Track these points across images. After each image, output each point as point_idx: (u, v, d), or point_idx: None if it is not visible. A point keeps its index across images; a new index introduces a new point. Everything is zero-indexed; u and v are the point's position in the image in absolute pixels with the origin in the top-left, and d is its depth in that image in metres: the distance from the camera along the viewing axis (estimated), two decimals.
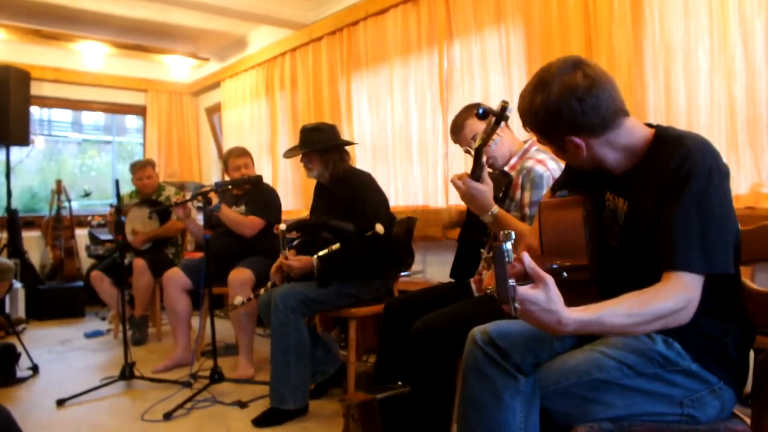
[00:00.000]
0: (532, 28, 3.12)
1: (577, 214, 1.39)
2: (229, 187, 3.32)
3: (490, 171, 2.06)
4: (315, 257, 2.66)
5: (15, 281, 4.62)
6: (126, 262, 3.91)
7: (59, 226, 5.58)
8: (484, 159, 1.72)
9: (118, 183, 3.16)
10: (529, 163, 2.08)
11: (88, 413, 2.77)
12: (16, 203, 5.25)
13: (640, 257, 1.26)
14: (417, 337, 1.98)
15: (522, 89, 1.34)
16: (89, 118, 6.81)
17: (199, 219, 3.79)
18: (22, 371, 3.36)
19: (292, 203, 5.07)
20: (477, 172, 1.70)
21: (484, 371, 1.28)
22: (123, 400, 2.95)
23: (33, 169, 6.43)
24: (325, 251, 2.64)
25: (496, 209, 1.73)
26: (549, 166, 2.05)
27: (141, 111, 6.59)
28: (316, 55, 4.71)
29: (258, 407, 2.73)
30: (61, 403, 2.87)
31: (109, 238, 5.34)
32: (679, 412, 1.24)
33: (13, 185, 5.22)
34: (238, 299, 3.01)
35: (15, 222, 5.17)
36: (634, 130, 1.30)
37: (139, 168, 4.35)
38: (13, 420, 1.59)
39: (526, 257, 1.05)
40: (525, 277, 1.05)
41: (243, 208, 3.56)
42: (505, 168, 2.16)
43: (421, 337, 1.96)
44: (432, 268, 3.83)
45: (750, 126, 2.36)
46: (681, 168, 1.19)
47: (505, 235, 0.98)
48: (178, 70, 6.52)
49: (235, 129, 5.91)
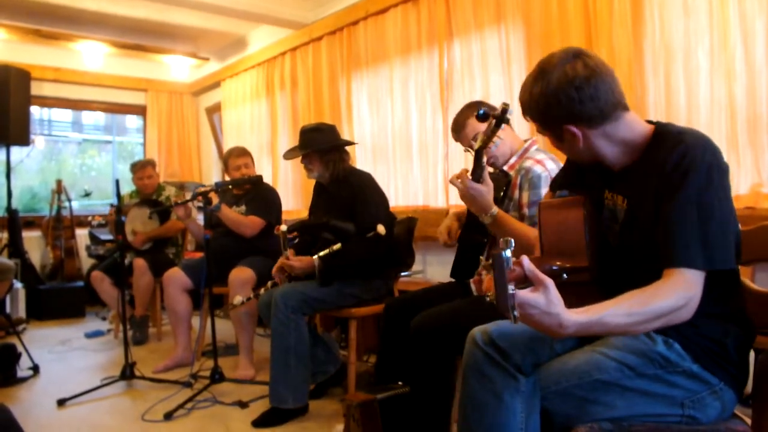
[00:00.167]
0: (532, 28, 3.11)
1: (577, 215, 1.39)
2: (230, 187, 3.32)
3: (491, 171, 2.06)
4: (316, 257, 2.66)
5: (15, 281, 4.62)
6: (126, 262, 3.92)
7: (59, 226, 5.58)
8: (485, 159, 1.72)
9: (118, 183, 3.16)
10: (528, 163, 2.08)
11: (88, 413, 2.78)
12: (16, 203, 5.25)
13: (640, 255, 1.26)
14: (416, 333, 1.98)
15: (524, 79, 1.34)
16: (89, 117, 6.82)
17: (200, 219, 3.79)
18: (23, 371, 3.36)
19: (293, 203, 5.07)
20: (477, 173, 1.70)
21: (484, 371, 1.27)
22: (123, 400, 2.96)
23: (33, 169, 6.43)
24: (326, 251, 2.64)
25: (495, 210, 1.73)
26: (547, 166, 2.05)
27: (141, 111, 6.59)
28: (316, 54, 4.71)
29: (258, 407, 2.73)
30: (61, 403, 2.87)
31: (110, 238, 5.34)
32: (679, 413, 1.24)
33: (13, 185, 5.22)
34: (237, 299, 3.01)
35: (15, 222, 5.17)
36: (633, 125, 1.30)
37: (140, 168, 4.35)
38: (14, 419, 1.59)
39: (526, 260, 1.04)
40: (525, 280, 1.04)
41: (243, 208, 3.56)
42: (505, 167, 2.16)
43: (420, 333, 1.97)
44: (432, 268, 3.83)
45: (750, 126, 2.36)
46: (680, 164, 1.19)
47: (505, 242, 0.98)
48: (178, 70, 6.52)
49: (235, 129, 5.90)
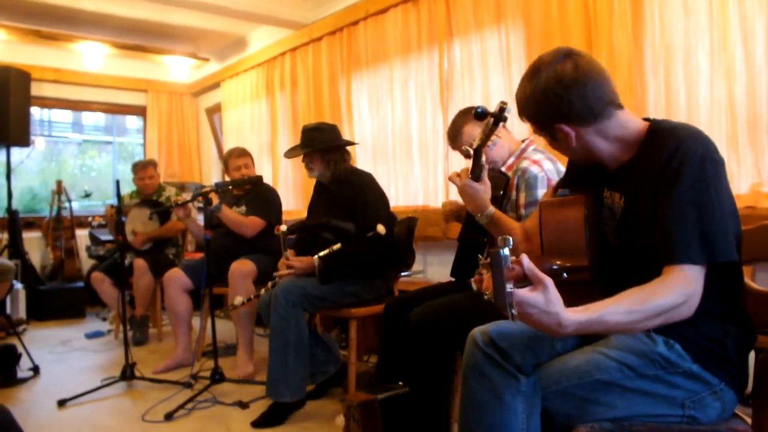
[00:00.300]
0: (532, 28, 3.11)
1: (578, 214, 1.39)
2: (230, 187, 3.32)
3: (489, 172, 2.06)
4: (316, 257, 2.66)
5: (16, 282, 4.62)
6: (126, 262, 3.91)
7: (60, 227, 5.58)
8: (483, 159, 1.72)
9: (118, 183, 3.16)
10: (525, 163, 2.08)
11: (88, 414, 2.78)
12: (16, 204, 5.25)
13: (638, 252, 1.26)
14: (416, 326, 1.99)
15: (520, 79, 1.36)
16: (89, 118, 6.82)
17: (200, 219, 3.79)
18: (23, 372, 3.36)
19: (293, 203, 5.07)
20: (476, 172, 1.70)
21: (484, 372, 1.27)
22: (124, 401, 2.96)
23: (33, 170, 6.43)
24: (326, 251, 2.64)
25: (491, 210, 1.73)
26: (544, 166, 2.05)
27: (141, 111, 6.59)
28: (316, 55, 4.71)
29: (258, 407, 2.73)
30: (61, 403, 2.87)
31: (110, 238, 5.34)
32: (680, 414, 1.24)
33: (13, 186, 5.21)
34: (238, 299, 3.01)
35: (15, 223, 5.17)
36: (627, 123, 1.31)
37: (141, 168, 4.36)
38: (14, 420, 1.59)
39: (525, 259, 1.04)
40: (524, 279, 1.04)
41: (243, 208, 3.56)
42: (503, 168, 2.16)
43: (419, 326, 1.97)
44: (432, 268, 3.83)
45: (750, 125, 2.36)
46: (673, 159, 1.19)
47: (503, 240, 0.97)
48: (178, 71, 6.52)
49: (235, 129, 5.91)
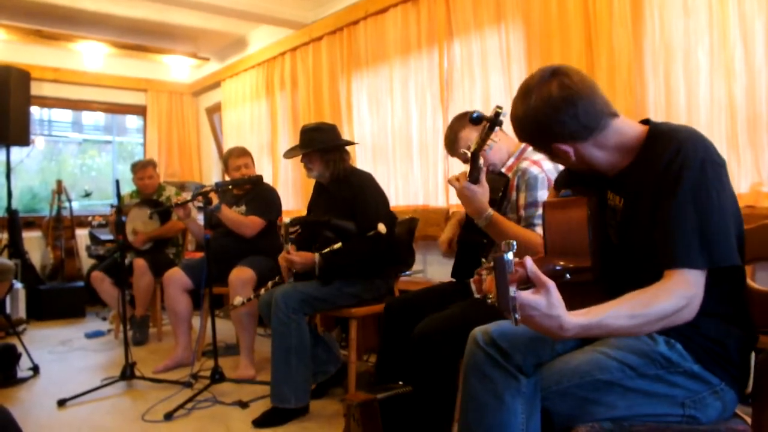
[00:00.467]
0: (532, 27, 3.11)
1: (581, 214, 1.39)
2: (230, 187, 3.32)
3: (488, 173, 2.06)
4: (317, 254, 2.66)
5: (15, 281, 4.62)
6: (126, 262, 3.91)
7: (60, 227, 5.58)
8: (481, 161, 1.72)
9: (118, 183, 3.16)
10: (525, 164, 2.08)
11: (88, 413, 2.78)
12: (16, 203, 5.25)
13: (639, 255, 1.26)
14: (419, 339, 1.97)
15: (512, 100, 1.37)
16: (89, 118, 6.82)
17: (200, 219, 3.79)
18: (23, 371, 3.36)
19: (293, 203, 5.07)
20: (474, 175, 1.70)
21: (485, 372, 1.27)
22: (124, 401, 2.96)
23: (33, 170, 6.43)
24: (327, 249, 2.64)
25: (490, 213, 1.74)
26: (544, 166, 2.05)
27: (141, 111, 6.59)
28: (316, 54, 4.71)
29: (259, 407, 2.73)
30: (61, 403, 2.87)
31: (110, 238, 5.34)
32: (680, 413, 1.24)
33: (13, 185, 5.22)
34: (237, 299, 3.01)
35: (15, 222, 5.17)
36: (623, 130, 1.31)
37: (141, 168, 4.35)
38: (14, 420, 1.59)
39: (529, 261, 1.04)
40: (527, 281, 1.04)
41: (243, 208, 3.56)
42: (502, 169, 2.16)
43: (423, 339, 1.96)
44: (432, 268, 3.83)
45: (750, 125, 2.36)
46: (673, 162, 1.19)
47: (507, 244, 0.98)
48: (178, 70, 6.52)
49: (235, 129, 5.90)
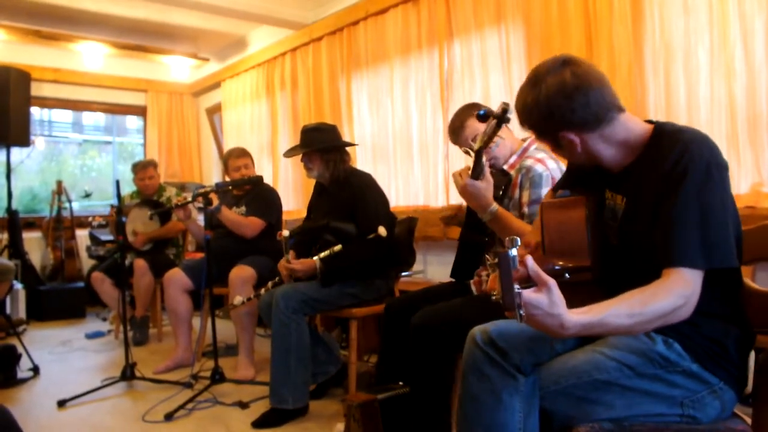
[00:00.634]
0: (532, 27, 3.11)
1: (579, 215, 1.39)
2: (230, 187, 3.32)
3: (490, 170, 2.06)
4: (317, 258, 2.66)
5: (16, 282, 4.62)
6: (127, 262, 3.91)
7: (60, 227, 5.58)
8: (485, 159, 1.72)
9: (118, 184, 3.16)
10: (529, 162, 2.08)
11: (89, 414, 2.78)
12: (16, 204, 5.25)
13: (639, 254, 1.26)
14: (416, 330, 1.98)
15: (519, 88, 1.36)
16: (89, 118, 6.82)
17: (200, 219, 3.79)
18: (23, 372, 3.36)
19: (293, 203, 5.07)
20: (477, 172, 1.70)
21: (483, 371, 1.27)
22: (124, 401, 2.95)
23: (33, 170, 6.42)
24: (326, 252, 2.64)
25: (495, 207, 1.73)
26: (548, 165, 2.05)
27: (141, 111, 6.59)
28: (317, 55, 4.71)
29: (259, 408, 2.73)
30: (62, 404, 2.87)
31: (110, 238, 5.34)
32: (679, 413, 1.24)
33: (13, 186, 5.22)
34: (237, 299, 3.01)
35: (15, 223, 5.17)
36: (630, 126, 1.31)
37: (141, 168, 4.36)
38: (14, 420, 1.59)
39: (530, 260, 1.04)
40: (528, 280, 1.04)
41: (243, 208, 3.56)
42: (505, 167, 2.15)
43: (420, 330, 1.97)
44: (433, 268, 3.83)
45: (750, 124, 2.36)
46: (679, 163, 1.19)
47: (511, 241, 0.98)
48: (178, 71, 6.52)
49: (235, 129, 5.90)
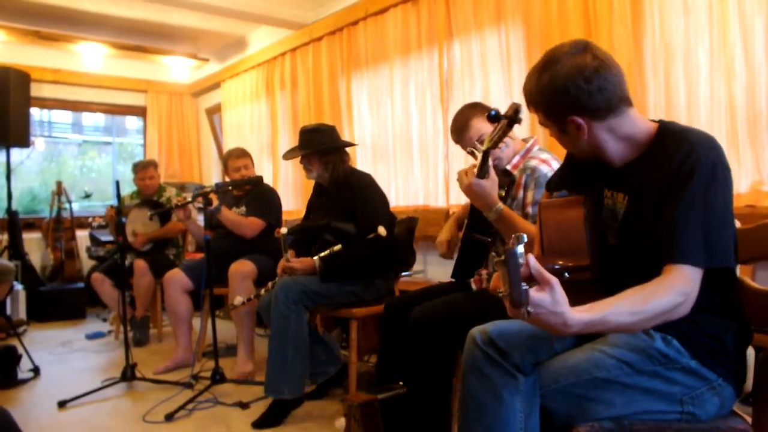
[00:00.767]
0: (532, 27, 3.11)
1: (578, 214, 1.39)
2: (230, 188, 3.32)
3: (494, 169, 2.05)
4: (317, 258, 2.66)
5: (16, 283, 4.62)
6: (127, 263, 3.91)
7: (60, 228, 5.58)
8: (490, 159, 1.71)
9: (118, 184, 3.16)
10: (533, 162, 2.07)
11: (89, 415, 2.78)
12: (16, 205, 5.25)
13: (639, 253, 1.26)
14: (415, 325, 1.98)
15: (530, 69, 1.33)
16: (89, 119, 6.82)
17: (200, 220, 3.79)
18: (23, 373, 3.36)
19: (293, 203, 5.07)
20: (483, 172, 1.70)
21: (483, 371, 1.27)
22: (124, 402, 2.95)
23: (33, 171, 6.43)
24: (326, 252, 2.64)
25: (500, 206, 1.73)
26: (553, 166, 2.03)
27: (141, 112, 6.59)
28: (316, 55, 4.71)
29: (259, 408, 2.73)
30: (62, 404, 2.87)
31: (110, 239, 5.34)
32: (678, 410, 1.24)
33: (13, 187, 5.22)
34: (238, 299, 3.01)
35: (15, 224, 5.17)
36: (636, 121, 1.30)
37: (142, 168, 4.36)
38: (14, 422, 1.59)
39: (532, 259, 1.04)
40: (530, 279, 1.04)
41: (243, 209, 3.56)
42: (508, 167, 2.13)
43: (419, 324, 1.97)
44: (433, 268, 3.83)
45: (750, 124, 2.36)
46: (685, 163, 1.19)
47: (517, 238, 0.98)
48: (178, 71, 6.52)
49: (235, 129, 5.91)
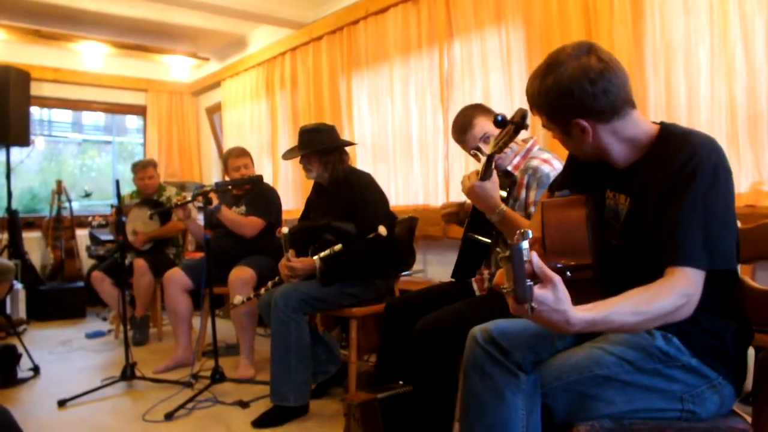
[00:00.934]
0: (532, 27, 3.11)
1: (580, 214, 1.39)
2: (229, 187, 3.32)
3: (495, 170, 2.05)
4: (317, 258, 2.66)
5: (16, 282, 4.62)
6: (127, 262, 3.91)
7: (60, 227, 5.57)
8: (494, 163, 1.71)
9: (118, 183, 3.16)
10: (535, 162, 2.06)
11: (89, 414, 2.78)
12: (16, 204, 5.25)
13: (641, 254, 1.26)
14: (419, 336, 1.97)
15: (532, 72, 1.32)
16: (89, 118, 6.81)
17: (200, 219, 3.79)
18: (23, 372, 3.36)
19: (293, 203, 5.07)
20: (487, 175, 1.70)
21: (485, 369, 1.27)
22: (124, 401, 2.95)
23: (33, 170, 6.42)
24: (326, 252, 2.64)
25: (503, 208, 1.74)
26: (554, 165, 2.03)
27: (141, 111, 6.59)
28: (317, 54, 4.71)
29: (259, 407, 2.73)
30: (62, 403, 2.87)
31: (110, 238, 5.34)
32: (679, 408, 1.25)
33: (13, 186, 5.22)
34: (237, 299, 3.01)
35: (15, 223, 5.17)
36: (639, 123, 1.30)
37: (141, 168, 4.35)
38: (14, 421, 1.59)
39: (535, 257, 1.04)
40: (533, 277, 1.05)
41: (243, 208, 3.56)
42: (509, 168, 2.13)
43: (423, 336, 1.96)
44: (433, 267, 3.83)
45: (750, 124, 2.36)
46: (687, 165, 1.20)
47: (521, 234, 0.98)
48: (178, 70, 6.52)
49: (235, 129, 5.90)
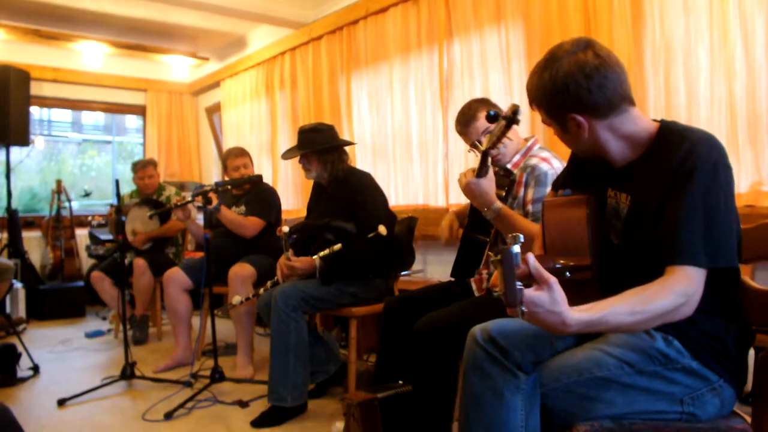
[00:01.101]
0: (532, 26, 3.11)
1: (580, 213, 1.39)
2: (229, 187, 3.32)
3: (495, 170, 2.05)
4: (317, 257, 2.66)
5: (15, 281, 4.62)
6: (126, 262, 3.91)
7: (59, 226, 5.58)
8: (489, 159, 1.72)
9: (118, 183, 3.16)
10: (534, 161, 2.07)
11: (89, 413, 2.77)
12: (16, 203, 5.25)
13: (642, 252, 1.26)
14: (418, 336, 1.97)
15: (531, 68, 1.33)
16: (89, 118, 6.82)
17: (200, 219, 3.79)
18: (23, 371, 3.36)
19: (292, 203, 5.07)
20: (483, 172, 1.70)
21: (484, 369, 1.27)
22: (124, 400, 2.95)
23: (33, 170, 6.43)
24: (326, 251, 2.64)
25: (498, 205, 1.74)
26: (553, 164, 2.04)
27: (141, 111, 6.59)
28: (316, 54, 4.71)
29: (259, 406, 2.73)
30: (61, 403, 2.87)
31: (110, 238, 5.34)
32: (679, 410, 1.24)
33: (13, 185, 5.22)
34: (236, 299, 3.01)
35: (15, 222, 5.17)
36: (638, 121, 1.30)
37: (141, 167, 4.36)
38: (14, 418, 1.59)
39: (531, 258, 1.05)
40: (529, 278, 1.05)
41: (243, 208, 3.56)
42: (508, 165, 2.14)
43: (422, 336, 1.95)
44: (432, 267, 3.83)
45: (750, 124, 2.36)
46: (686, 162, 1.19)
47: (513, 237, 0.99)
48: (178, 70, 6.52)
49: (235, 128, 5.90)
